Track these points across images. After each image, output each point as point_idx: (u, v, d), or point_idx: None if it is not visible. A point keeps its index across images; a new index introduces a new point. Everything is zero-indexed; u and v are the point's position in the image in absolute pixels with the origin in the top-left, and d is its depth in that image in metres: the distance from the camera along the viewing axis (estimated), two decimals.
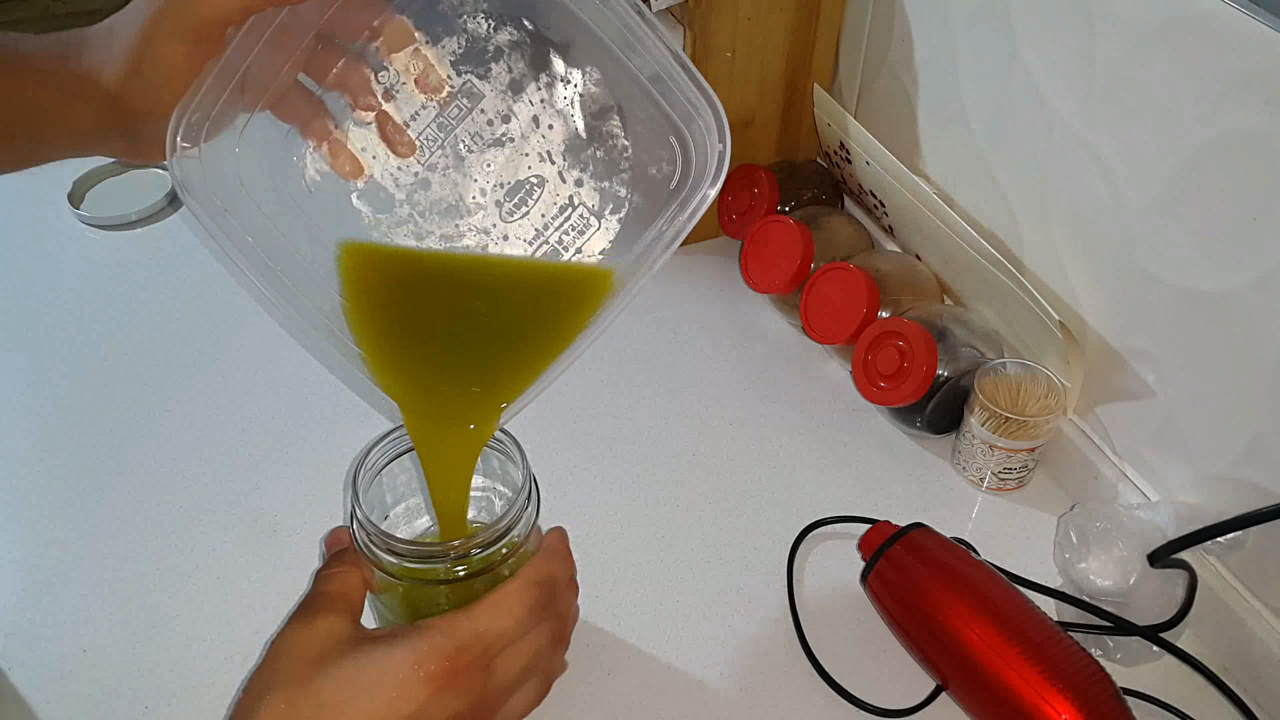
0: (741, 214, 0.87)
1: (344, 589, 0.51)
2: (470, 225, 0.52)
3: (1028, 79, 0.67)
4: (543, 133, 0.50)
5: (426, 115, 0.51)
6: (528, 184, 0.51)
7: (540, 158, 0.51)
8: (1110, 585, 0.60)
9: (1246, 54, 0.52)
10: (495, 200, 0.51)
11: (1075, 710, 0.52)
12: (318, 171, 0.51)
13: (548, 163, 0.51)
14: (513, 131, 0.51)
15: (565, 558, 0.55)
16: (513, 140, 0.51)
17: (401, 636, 0.47)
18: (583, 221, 0.51)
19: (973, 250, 0.71)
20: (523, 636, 0.49)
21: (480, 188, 0.51)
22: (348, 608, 0.50)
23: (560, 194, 0.51)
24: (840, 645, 0.63)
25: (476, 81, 0.50)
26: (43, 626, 0.63)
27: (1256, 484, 0.59)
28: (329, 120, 0.50)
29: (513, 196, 0.51)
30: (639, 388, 0.79)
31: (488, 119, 0.51)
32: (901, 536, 0.61)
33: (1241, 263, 0.56)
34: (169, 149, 0.46)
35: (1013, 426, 0.68)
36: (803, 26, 0.83)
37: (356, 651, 0.46)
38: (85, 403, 0.77)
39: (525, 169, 0.51)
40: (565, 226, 0.51)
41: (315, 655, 0.46)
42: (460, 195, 0.52)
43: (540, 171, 0.51)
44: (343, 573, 0.51)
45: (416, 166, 0.51)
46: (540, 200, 0.51)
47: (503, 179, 0.51)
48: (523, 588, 0.50)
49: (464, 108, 0.50)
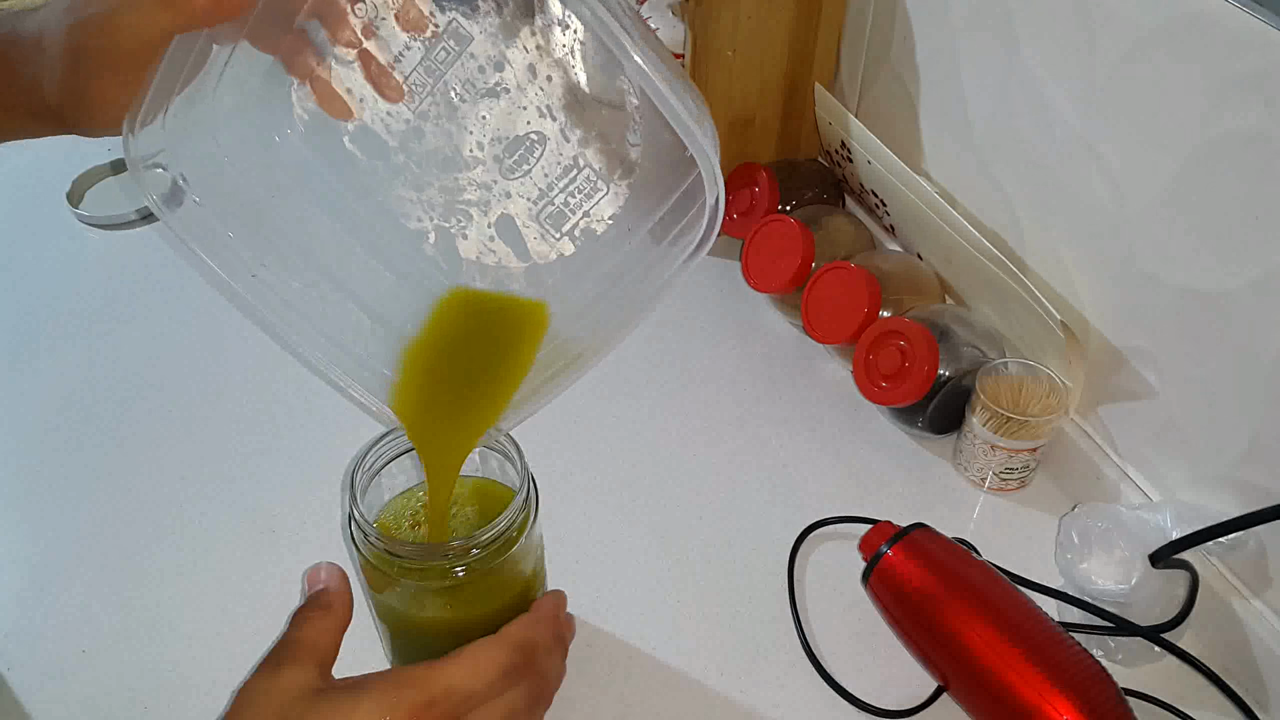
0: (742, 213, 0.87)
1: (315, 635, 0.49)
2: (470, 180, 0.49)
3: (1028, 79, 0.67)
4: (540, 84, 0.47)
5: (412, 57, 0.48)
6: (527, 140, 0.48)
7: (540, 112, 0.48)
8: (1112, 586, 0.60)
9: (1246, 54, 0.52)
10: (494, 155, 0.49)
11: (1077, 711, 0.52)
12: (306, 111, 0.48)
13: (548, 119, 0.48)
14: (507, 81, 0.47)
15: (553, 621, 0.53)
16: (508, 91, 0.48)
17: (369, 687, 0.46)
18: (589, 184, 0.49)
19: (974, 250, 0.71)
20: (496, 697, 0.48)
21: (477, 140, 0.49)
22: (317, 657, 0.48)
23: (564, 154, 0.48)
24: (841, 646, 0.63)
25: (463, 21, 0.47)
26: (43, 626, 0.63)
27: (1258, 484, 0.59)
28: (312, 55, 0.48)
29: (512, 153, 0.49)
30: (639, 388, 0.79)
31: (479, 65, 0.47)
32: (902, 537, 0.61)
33: (1243, 262, 0.56)
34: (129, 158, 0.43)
35: (1014, 426, 0.68)
36: (803, 25, 0.83)
37: (321, 703, 0.45)
38: (85, 403, 0.77)
39: (524, 124, 0.48)
40: (571, 188, 0.49)
41: (278, 708, 0.45)
42: (457, 147, 0.49)
43: (540, 128, 0.48)
44: (316, 618, 0.50)
45: (407, 113, 0.48)
46: (542, 159, 0.49)
47: (500, 133, 0.48)
48: (501, 648, 0.48)
49: (451, 50, 0.47)
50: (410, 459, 0.56)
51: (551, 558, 0.59)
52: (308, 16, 0.47)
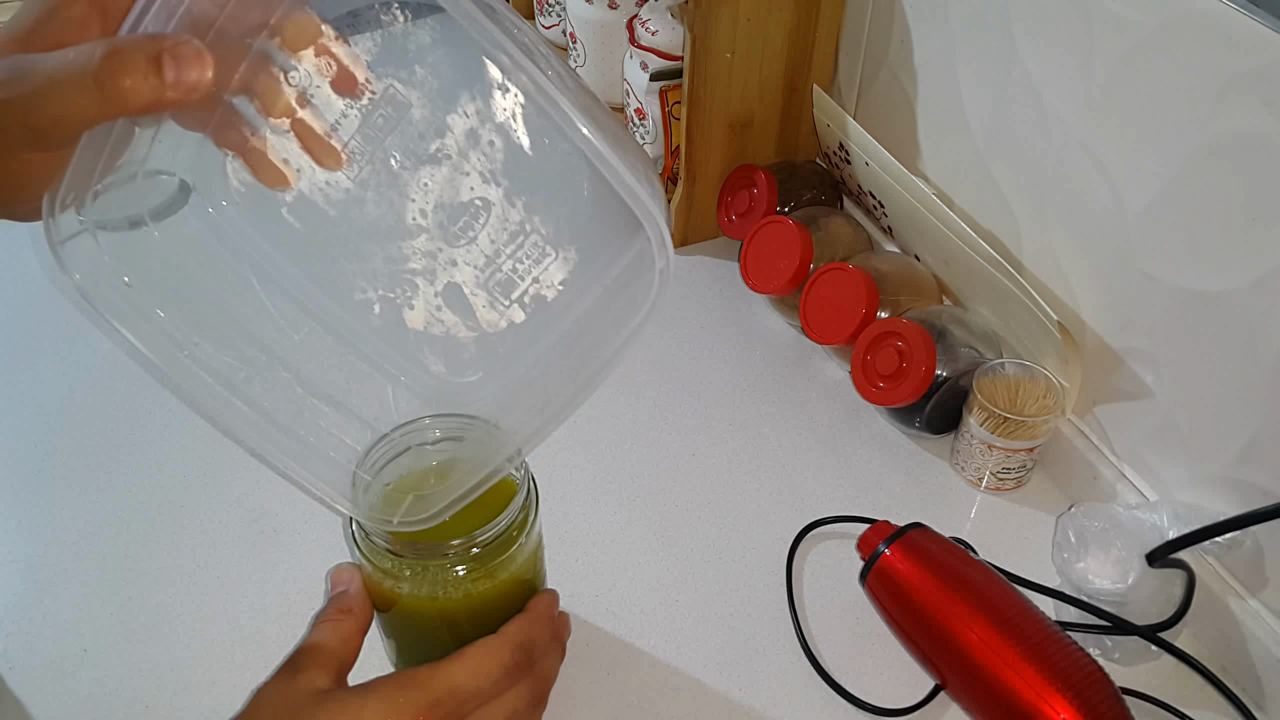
0: (741, 214, 0.87)
1: (335, 640, 0.50)
2: (415, 248, 0.48)
3: (1027, 80, 0.67)
4: (483, 150, 0.46)
5: (349, 124, 0.45)
6: (472, 207, 0.47)
7: (483, 178, 0.46)
8: (1109, 585, 0.60)
9: (1246, 54, 0.52)
10: (438, 222, 0.48)
11: (1074, 709, 0.52)
12: (242, 183, 0.46)
13: (492, 184, 0.47)
14: (448, 147, 0.46)
15: (550, 620, 0.54)
16: (449, 157, 0.46)
17: (374, 690, 0.47)
18: (537, 250, 0.48)
19: (971, 251, 0.71)
20: (499, 696, 0.49)
21: (419, 208, 0.47)
22: (335, 661, 0.49)
23: (510, 219, 0.47)
24: (839, 645, 0.63)
25: (399, 87, 0.45)
26: (43, 626, 0.63)
27: (1254, 484, 0.59)
28: (244, 127, 0.45)
29: (456, 219, 0.47)
30: (639, 388, 0.79)
31: (418, 131, 0.46)
32: (900, 536, 0.61)
33: (1240, 263, 0.56)
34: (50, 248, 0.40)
35: (1011, 426, 0.68)
36: (802, 27, 0.83)
37: (331, 703, 0.46)
38: (85, 403, 0.77)
39: (468, 190, 0.47)
40: (519, 254, 0.48)
41: (290, 710, 0.46)
42: (399, 216, 0.47)
43: (484, 194, 0.47)
44: (337, 622, 0.51)
45: (347, 182, 0.47)
46: (488, 225, 0.47)
47: (443, 200, 0.47)
48: (502, 647, 0.49)
49: (389, 117, 0.45)
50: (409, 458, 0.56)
51: (551, 557, 0.59)
52: (237, 92, 0.44)
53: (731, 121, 0.86)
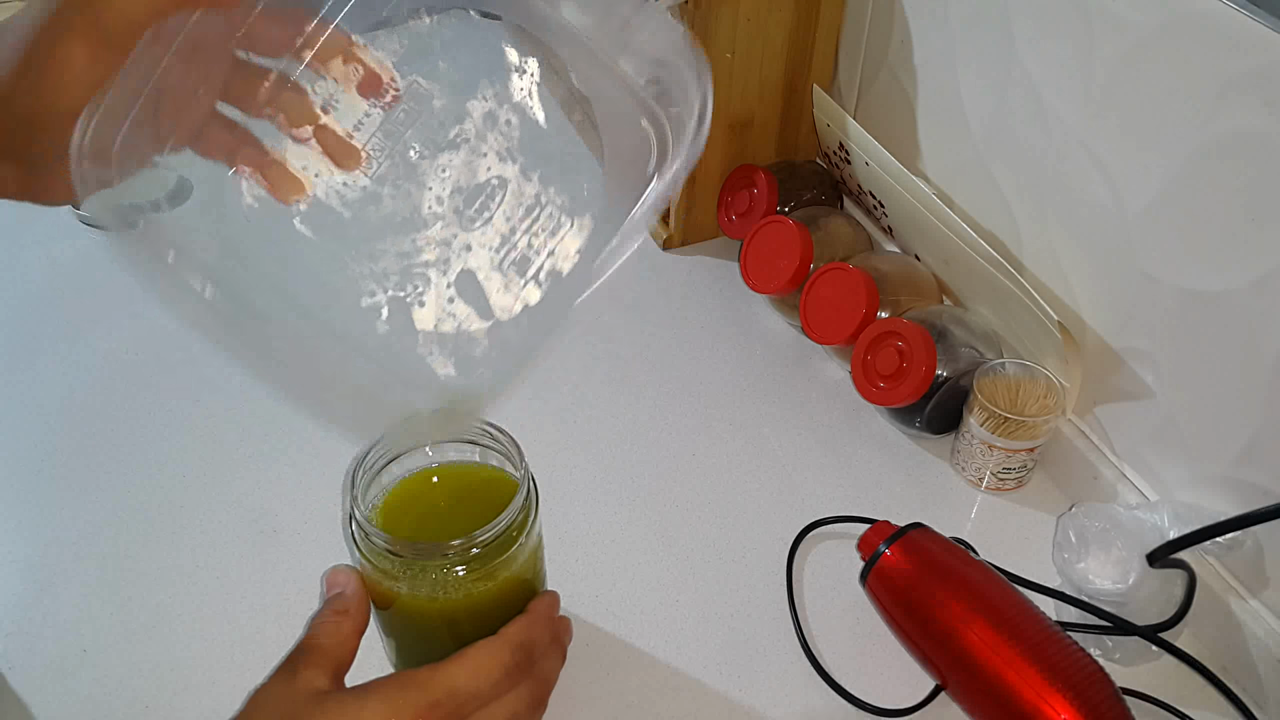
0: (741, 214, 0.87)
1: (332, 641, 0.50)
2: (429, 238, 0.49)
3: (1027, 80, 0.67)
4: (500, 130, 0.48)
5: (370, 124, 0.47)
6: (488, 187, 0.48)
7: (500, 157, 0.48)
8: (1109, 585, 0.60)
9: (1246, 54, 0.52)
10: (454, 208, 0.49)
11: (1074, 710, 0.52)
12: (255, 199, 0.47)
13: (509, 162, 0.48)
14: (466, 132, 0.48)
15: (550, 622, 0.54)
16: (468, 141, 0.48)
17: (375, 690, 0.46)
18: (553, 221, 0.49)
19: (972, 251, 0.71)
20: (499, 698, 0.49)
21: (436, 195, 0.48)
22: (332, 661, 0.49)
23: (526, 193, 0.48)
24: (839, 645, 0.63)
25: (423, 81, 0.47)
26: (43, 626, 0.63)
27: (1255, 484, 0.59)
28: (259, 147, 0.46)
29: (472, 202, 0.48)
30: (639, 388, 0.79)
31: (438, 120, 0.47)
32: (900, 536, 0.61)
33: (1240, 263, 0.56)
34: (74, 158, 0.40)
35: (1012, 426, 0.68)
36: (802, 27, 0.83)
37: (330, 703, 0.46)
38: (85, 403, 0.77)
39: (484, 170, 0.48)
40: (534, 228, 0.49)
41: (289, 710, 0.46)
42: (415, 207, 0.48)
43: (501, 172, 0.48)
44: (334, 623, 0.50)
45: (364, 180, 0.48)
46: (503, 203, 0.48)
47: (460, 184, 0.48)
48: (502, 648, 0.49)
49: (411, 110, 0.47)
50: (410, 458, 0.56)
51: (551, 557, 0.59)
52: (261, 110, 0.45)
53: (731, 121, 0.86)
